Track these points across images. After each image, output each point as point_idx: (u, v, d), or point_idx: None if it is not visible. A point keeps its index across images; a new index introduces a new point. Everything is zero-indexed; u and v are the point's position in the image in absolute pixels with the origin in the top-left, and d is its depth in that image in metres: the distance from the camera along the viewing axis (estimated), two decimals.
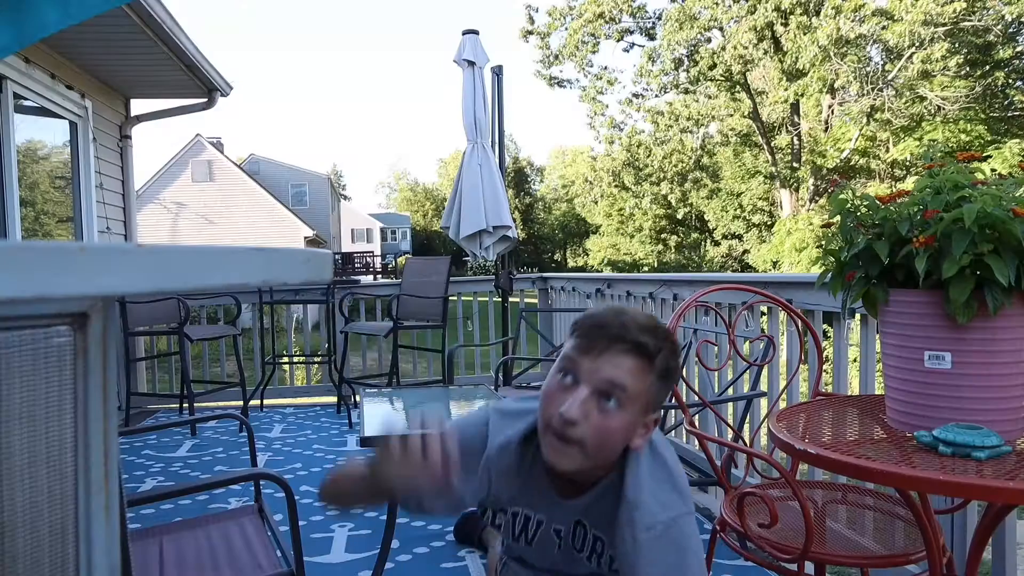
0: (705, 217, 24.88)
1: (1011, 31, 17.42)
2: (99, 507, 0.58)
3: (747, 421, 2.47)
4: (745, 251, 23.04)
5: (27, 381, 0.53)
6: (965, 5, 16.13)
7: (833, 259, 1.29)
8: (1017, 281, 1.06)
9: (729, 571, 2.28)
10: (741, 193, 22.79)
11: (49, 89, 4.35)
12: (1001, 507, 1.15)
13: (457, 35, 4.55)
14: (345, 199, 50.69)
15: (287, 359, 5.66)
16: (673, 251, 26.56)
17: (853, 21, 17.00)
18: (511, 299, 4.91)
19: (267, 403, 5.15)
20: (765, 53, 18.68)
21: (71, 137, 4.84)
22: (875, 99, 18.18)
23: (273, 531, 1.72)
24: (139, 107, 5.75)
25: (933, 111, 18.21)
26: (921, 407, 1.17)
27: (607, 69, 21.85)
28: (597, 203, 26.74)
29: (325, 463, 3.65)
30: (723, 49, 19.24)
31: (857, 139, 19.36)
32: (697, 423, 3.09)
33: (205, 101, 5.52)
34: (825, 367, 1.99)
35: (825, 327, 2.60)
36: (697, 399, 2.40)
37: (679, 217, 25.71)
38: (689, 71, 20.36)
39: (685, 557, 1.01)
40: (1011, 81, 18.32)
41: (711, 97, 20.95)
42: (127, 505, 1.32)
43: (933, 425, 1.12)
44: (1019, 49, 17.71)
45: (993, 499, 1.06)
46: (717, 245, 24.85)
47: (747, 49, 18.50)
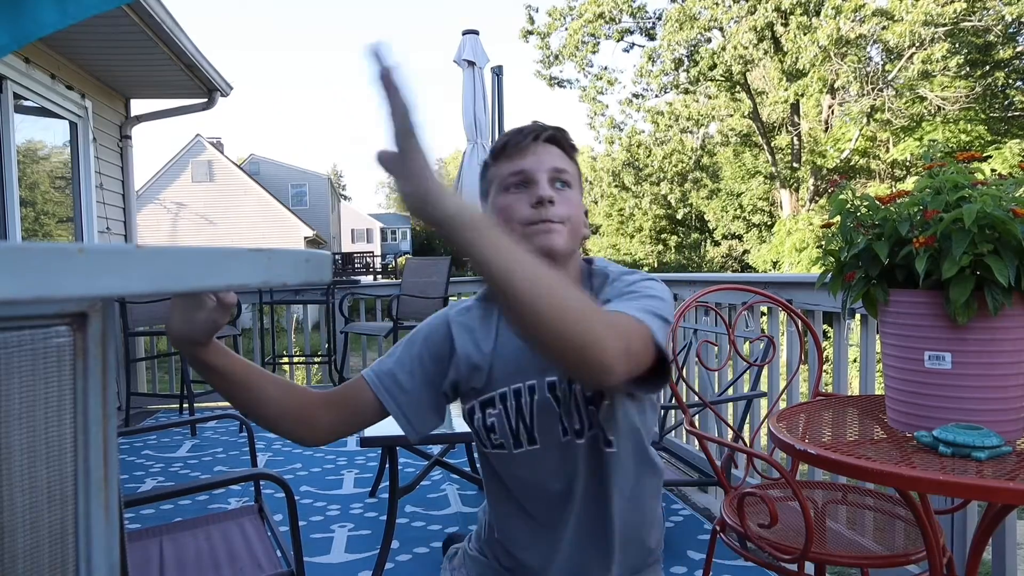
0: (705, 217, 24.87)
1: (1011, 31, 17.41)
2: (99, 507, 0.58)
3: (747, 421, 2.47)
4: (745, 251, 23.04)
5: (27, 381, 0.53)
6: (965, 5, 16.13)
7: (833, 259, 1.29)
8: (1017, 281, 1.06)
9: (729, 571, 2.28)
10: (741, 193, 22.78)
11: (49, 89, 4.35)
12: (1001, 507, 1.15)
13: (457, 35, 4.55)
14: (345, 199, 50.72)
15: (287, 359, 5.66)
16: (673, 251, 26.55)
17: (853, 21, 17.00)
18: None
19: None
20: (765, 53, 18.67)
21: (71, 137, 4.84)
22: (875, 99, 18.18)
23: (273, 531, 1.72)
24: (139, 107, 5.76)
25: (933, 111, 18.21)
26: (921, 407, 1.17)
27: (607, 69, 21.85)
28: (597, 203, 26.74)
29: (325, 463, 3.65)
30: (723, 49, 19.24)
31: (857, 139, 19.36)
32: (697, 423, 3.09)
33: (205, 101, 5.53)
34: (825, 367, 1.99)
35: (825, 327, 2.60)
36: (697, 399, 2.40)
37: (679, 217, 25.70)
38: (689, 71, 20.36)
39: (663, 293, 1.05)
40: (1011, 81, 18.31)
41: (711, 97, 20.95)
42: (127, 505, 1.32)
43: (933, 425, 1.12)
44: (1019, 49, 17.70)
45: (993, 499, 1.06)
46: (717, 245, 24.85)
47: (747, 49, 18.49)
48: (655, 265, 26.01)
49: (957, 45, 17.14)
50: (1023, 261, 1.06)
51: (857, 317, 2.44)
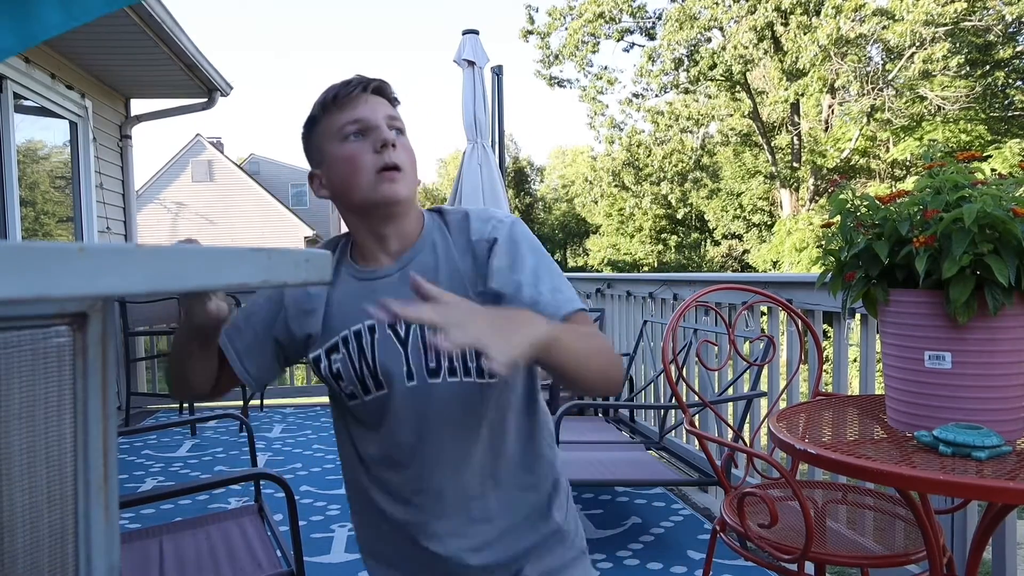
0: (705, 217, 24.86)
1: (1011, 31, 17.41)
2: (98, 507, 0.58)
3: (747, 421, 2.47)
4: (745, 251, 23.03)
5: (26, 381, 0.53)
6: (965, 5, 16.12)
7: (833, 259, 1.29)
8: (1017, 281, 1.06)
9: (729, 571, 2.28)
10: (741, 193, 22.77)
11: (49, 89, 4.35)
12: (1001, 507, 1.15)
13: (457, 35, 4.55)
14: None
15: None
16: (673, 251, 26.54)
17: (853, 21, 16.99)
18: None
19: (267, 403, 5.15)
20: (765, 53, 18.66)
21: (71, 137, 4.84)
22: (875, 99, 18.17)
23: (273, 531, 1.72)
24: (139, 107, 5.76)
25: (933, 111, 18.20)
26: (921, 407, 1.17)
27: (607, 69, 21.84)
28: (597, 203, 26.74)
29: (325, 463, 3.65)
30: (723, 49, 19.23)
31: (857, 139, 19.35)
32: (697, 423, 3.09)
33: (205, 101, 5.53)
34: (825, 367, 1.99)
35: (825, 327, 2.60)
36: (697, 399, 2.40)
37: (679, 217, 25.69)
38: (689, 71, 20.35)
39: (537, 244, 1.13)
40: (1011, 81, 18.31)
41: (711, 97, 20.94)
42: (128, 505, 1.32)
43: (933, 425, 1.12)
44: (1019, 49, 17.70)
45: (993, 499, 1.06)
46: (717, 245, 24.84)
47: (747, 49, 18.48)
48: (655, 265, 26.01)
49: (957, 45, 17.13)
50: (1023, 261, 1.06)
51: (857, 317, 2.44)
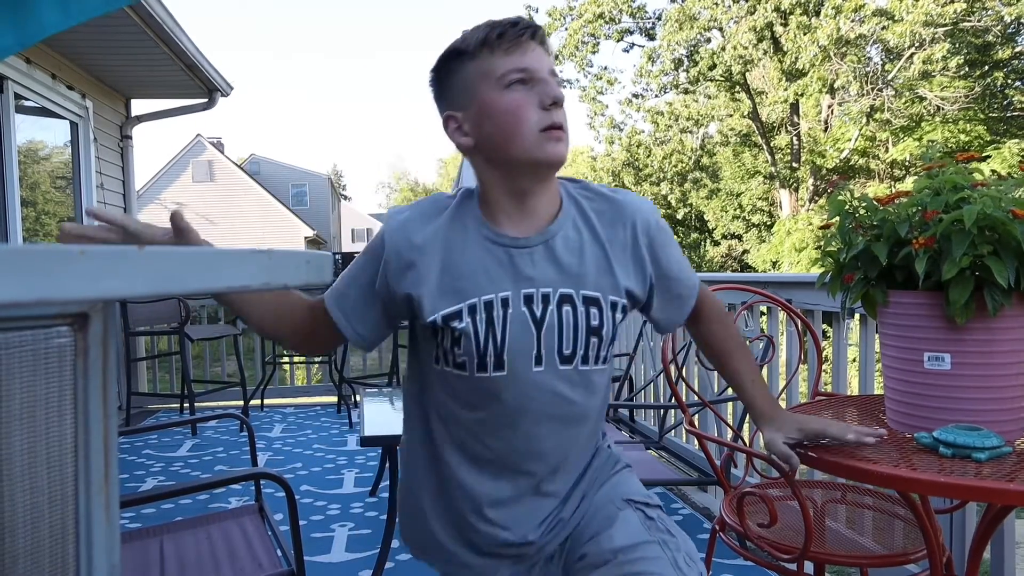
0: (705, 217, 24.86)
1: (1010, 31, 17.41)
2: (99, 507, 0.58)
3: (746, 421, 2.47)
4: (745, 251, 23.02)
5: (27, 382, 0.54)
6: (965, 6, 16.12)
7: (832, 260, 1.29)
8: (1016, 282, 1.06)
9: (729, 571, 2.28)
10: (741, 193, 22.77)
11: (50, 89, 4.35)
12: (1001, 508, 1.15)
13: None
14: (345, 199, 50.72)
15: (287, 359, 5.66)
16: None
17: (853, 21, 16.99)
18: None
19: (267, 403, 5.15)
20: (765, 53, 18.66)
21: (72, 137, 4.85)
22: (875, 99, 18.17)
23: (273, 530, 1.72)
24: (140, 107, 5.76)
25: (932, 111, 18.20)
26: (921, 408, 1.17)
27: (607, 69, 21.83)
28: None
29: (325, 463, 3.65)
30: (723, 49, 19.22)
31: (856, 139, 19.35)
32: (697, 423, 3.09)
33: (205, 101, 5.53)
34: (824, 367, 1.99)
35: (824, 327, 2.60)
36: (697, 399, 2.41)
37: (679, 217, 25.69)
38: (689, 71, 20.34)
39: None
40: (1010, 81, 18.31)
41: (711, 97, 20.93)
42: (129, 504, 1.32)
43: (933, 426, 1.12)
44: (1018, 49, 17.70)
45: (993, 500, 1.06)
46: (717, 245, 24.84)
47: (747, 49, 18.47)
48: None
49: (956, 45, 17.13)
50: (1022, 262, 1.07)
51: (856, 317, 2.44)
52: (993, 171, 1.25)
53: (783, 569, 1.40)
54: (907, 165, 18.45)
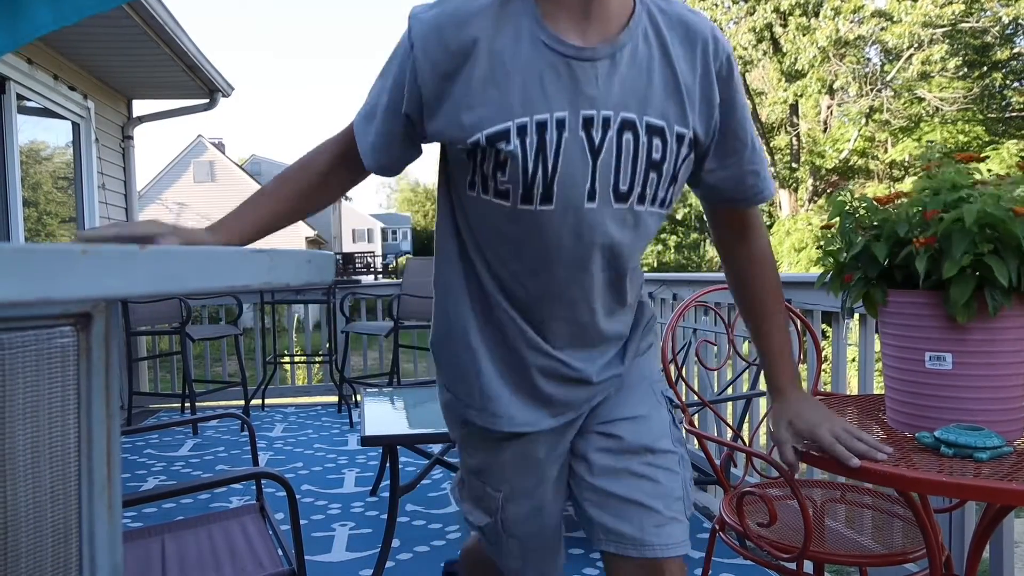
0: (705, 217, 24.85)
1: (1008, 32, 17.41)
2: (102, 506, 0.58)
3: (746, 420, 2.47)
4: None
5: (31, 381, 0.54)
6: (963, 7, 16.12)
7: (832, 260, 1.30)
8: (1017, 282, 1.06)
9: (728, 570, 2.28)
10: None
11: (52, 90, 4.35)
12: (1000, 507, 1.15)
13: None
14: (346, 199, 50.71)
15: (288, 359, 5.66)
16: (672, 251, 26.54)
17: (852, 22, 16.99)
18: None
19: (268, 402, 5.15)
20: (764, 54, 18.66)
21: (73, 138, 4.85)
22: (874, 100, 18.16)
23: (274, 530, 1.72)
24: (141, 108, 5.77)
25: (931, 112, 18.20)
26: (921, 408, 1.17)
27: None
28: None
29: (326, 462, 3.65)
30: None
31: (855, 140, 19.34)
32: (696, 423, 3.09)
33: (207, 102, 5.53)
34: (824, 367, 1.99)
35: (824, 327, 2.61)
36: (696, 399, 2.41)
37: (679, 217, 25.68)
38: None
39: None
40: (1008, 82, 18.30)
41: None
42: (130, 504, 1.33)
43: (934, 426, 1.13)
44: (1016, 50, 17.70)
45: (993, 500, 1.06)
46: None
47: (746, 50, 18.47)
48: (655, 265, 26.00)
49: (955, 46, 17.13)
50: (1023, 261, 1.07)
51: (856, 316, 2.45)
52: (991, 171, 1.25)
53: (783, 568, 1.40)
54: (906, 165, 18.43)
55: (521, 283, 0.98)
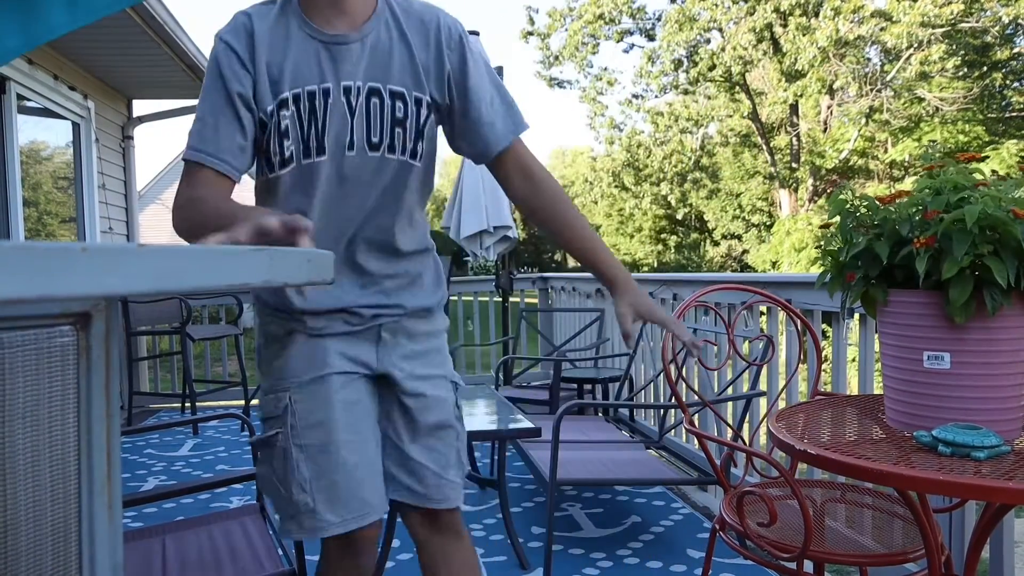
0: (704, 217, 24.84)
1: (1008, 32, 17.41)
2: (102, 506, 0.58)
3: (746, 420, 2.47)
4: (744, 251, 23.01)
5: (30, 380, 0.54)
6: (963, 7, 16.12)
7: (832, 259, 1.30)
8: (1016, 282, 1.06)
9: (729, 570, 2.28)
10: (740, 193, 22.76)
11: (52, 90, 4.36)
12: (1000, 506, 1.15)
13: None
14: None
15: None
16: (673, 251, 26.53)
17: (852, 22, 16.99)
18: (511, 299, 4.92)
19: None
20: (764, 54, 18.66)
21: (74, 138, 4.85)
22: (874, 100, 18.16)
23: (275, 530, 1.72)
24: (141, 108, 5.78)
25: (931, 112, 18.20)
26: (920, 407, 1.17)
27: (607, 70, 21.83)
28: (597, 203, 26.70)
29: None
30: (722, 50, 19.22)
31: (856, 140, 19.34)
32: (696, 422, 3.09)
33: None
34: (824, 367, 1.99)
35: (824, 327, 2.61)
36: (697, 399, 2.41)
37: (679, 217, 25.68)
38: (688, 72, 20.34)
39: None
40: (1008, 82, 18.30)
41: (710, 98, 20.92)
42: (130, 504, 1.33)
43: (932, 425, 1.13)
44: (1016, 50, 17.70)
45: (992, 499, 1.06)
46: (716, 245, 24.82)
47: (746, 50, 18.47)
48: (655, 265, 26.02)
49: (955, 46, 17.13)
50: (1022, 262, 1.07)
51: (856, 316, 2.45)
52: (993, 172, 1.25)
53: (783, 568, 1.40)
54: (906, 166, 18.44)
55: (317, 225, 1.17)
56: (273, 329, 1.27)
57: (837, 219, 1.28)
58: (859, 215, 1.26)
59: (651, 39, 21.49)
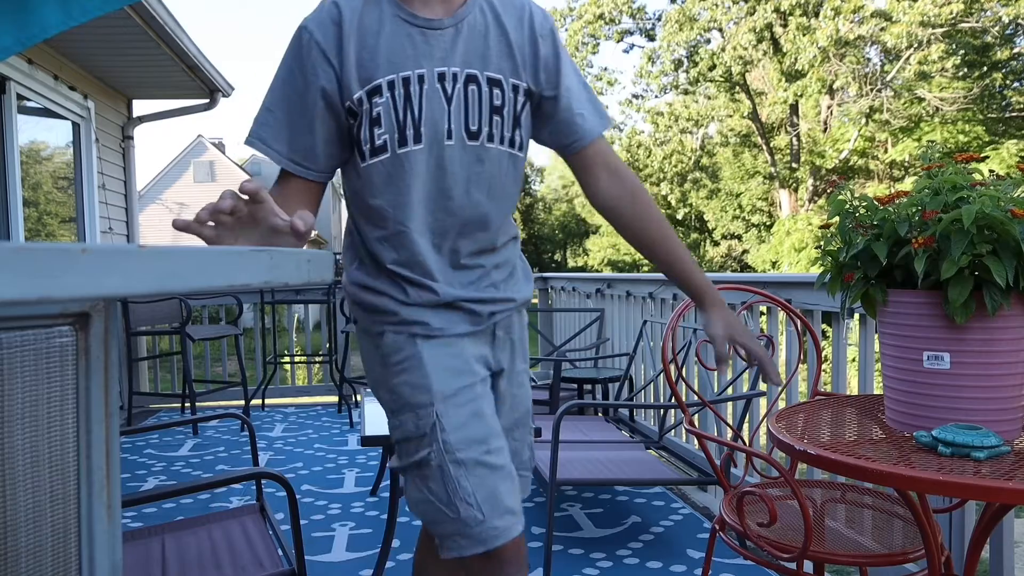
0: (704, 217, 24.85)
1: (1008, 32, 17.41)
2: (101, 506, 0.58)
3: (746, 420, 2.47)
4: (744, 251, 23.02)
5: (29, 381, 0.54)
6: (963, 7, 16.12)
7: (832, 260, 1.30)
8: (1015, 282, 1.06)
9: (729, 570, 2.28)
10: (740, 193, 22.77)
11: (52, 90, 4.36)
12: (999, 507, 1.15)
13: None
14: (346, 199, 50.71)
15: (288, 359, 5.66)
16: None
17: (852, 22, 17.00)
18: None
19: (268, 402, 5.15)
20: (764, 54, 18.67)
21: (74, 138, 4.85)
22: (873, 100, 18.17)
23: (275, 530, 1.72)
24: (141, 108, 5.77)
25: (931, 112, 18.20)
26: (920, 407, 1.18)
27: (607, 70, 21.89)
28: None
29: (326, 462, 3.65)
30: (722, 50, 19.23)
31: (856, 140, 19.35)
32: (696, 423, 3.09)
33: (207, 102, 5.53)
34: (824, 367, 2.00)
35: (824, 327, 2.61)
36: (696, 399, 2.41)
37: (679, 217, 25.69)
38: (689, 72, 20.36)
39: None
40: (1008, 82, 18.30)
41: (710, 98, 20.94)
42: (130, 504, 1.33)
43: (932, 425, 1.13)
44: (1016, 50, 17.70)
45: (991, 499, 1.06)
46: (716, 245, 24.84)
47: (746, 50, 18.48)
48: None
49: (955, 46, 17.14)
50: (1021, 262, 1.07)
51: (856, 316, 2.45)
52: (992, 171, 1.25)
53: (783, 568, 1.40)
54: (906, 166, 18.44)
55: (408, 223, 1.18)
56: (390, 340, 1.19)
57: (837, 219, 1.28)
58: (858, 215, 1.26)
59: (651, 39, 21.51)
